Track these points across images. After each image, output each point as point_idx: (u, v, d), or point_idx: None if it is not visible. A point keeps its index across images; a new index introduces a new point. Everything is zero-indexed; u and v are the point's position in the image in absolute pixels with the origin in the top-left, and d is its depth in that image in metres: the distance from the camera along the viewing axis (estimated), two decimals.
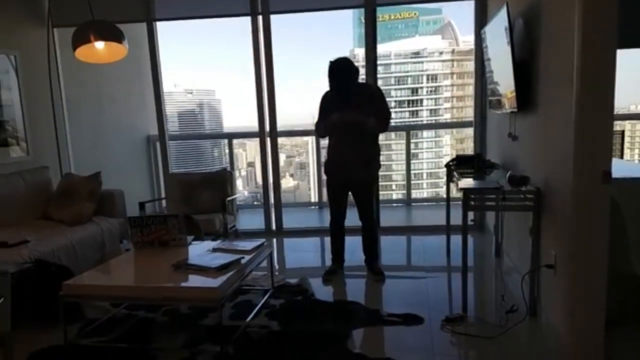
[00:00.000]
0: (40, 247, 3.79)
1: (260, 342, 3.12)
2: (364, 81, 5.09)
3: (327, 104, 4.10)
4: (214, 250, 3.64)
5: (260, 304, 3.67)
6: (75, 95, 5.63)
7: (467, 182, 3.57)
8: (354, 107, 3.90)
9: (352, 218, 4.29)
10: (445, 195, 4.92)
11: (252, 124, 5.86)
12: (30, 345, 3.15)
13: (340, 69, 3.92)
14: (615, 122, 2.91)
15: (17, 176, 4.61)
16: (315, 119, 4.20)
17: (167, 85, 6.11)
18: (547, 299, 3.19)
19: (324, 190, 5.61)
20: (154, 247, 3.78)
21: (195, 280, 3.11)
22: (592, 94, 2.40)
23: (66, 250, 4.02)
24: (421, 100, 15.70)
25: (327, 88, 4.05)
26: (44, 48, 5.21)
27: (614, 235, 2.52)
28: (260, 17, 5.44)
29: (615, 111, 2.47)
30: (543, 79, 3.22)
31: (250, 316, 3.47)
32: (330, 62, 3.92)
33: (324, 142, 4.40)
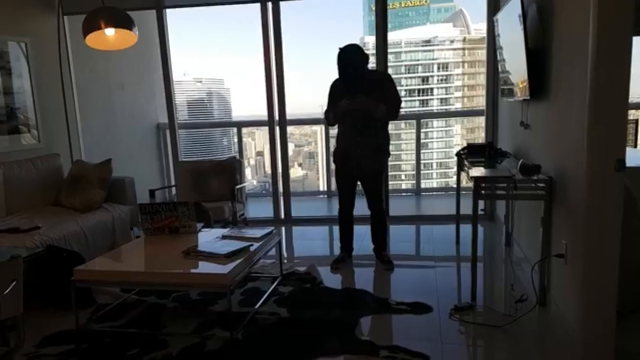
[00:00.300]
0: (52, 233, 3.82)
1: (268, 329, 3.14)
2: (374, 68, 5.06)
3: (337, 91, 4.07)
4: (223, 237, 3.67)
5: (269, 291, 3.69)
6: (85, 83, 5.64)
7: (478, 171, 3.55)
8: (364, 94, 3.87)
9: (361, 207, 4.29)
10: (455, 185, 4.90)
11: (261, 112, 5.86)
12: (42, 329, 3.18)
13: (350, 56, 3.86)
14: (630, 111, 2.88)
15: (29, 163, 4.64)
16: (325, 108, 4.18)
17: (176, 74, 6.12)
18: (556, 289, 3.18)
19: (333, 179, 5.60)
20: (164, 234, 3.80)
21: (204, 267, 3.14)
22: (606, 81, 2.37)
23: (77, 236, 4.05)
24: (432, 89, 15.63)
25: (336, 76, 4.02)
26: (54, 35, 5.22)
27: (627, 224, 2.50)
28: (269, 5, 5.41)
29: (630, 100, 2.44)
30: (556, 66, 3.19)
31: (259, 303, 3.48)
32: (340, 49, 3.87)
33: (333, 131, 4.38)
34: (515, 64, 3.73)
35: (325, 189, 7.32)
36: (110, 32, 4.24)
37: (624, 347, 2.62)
